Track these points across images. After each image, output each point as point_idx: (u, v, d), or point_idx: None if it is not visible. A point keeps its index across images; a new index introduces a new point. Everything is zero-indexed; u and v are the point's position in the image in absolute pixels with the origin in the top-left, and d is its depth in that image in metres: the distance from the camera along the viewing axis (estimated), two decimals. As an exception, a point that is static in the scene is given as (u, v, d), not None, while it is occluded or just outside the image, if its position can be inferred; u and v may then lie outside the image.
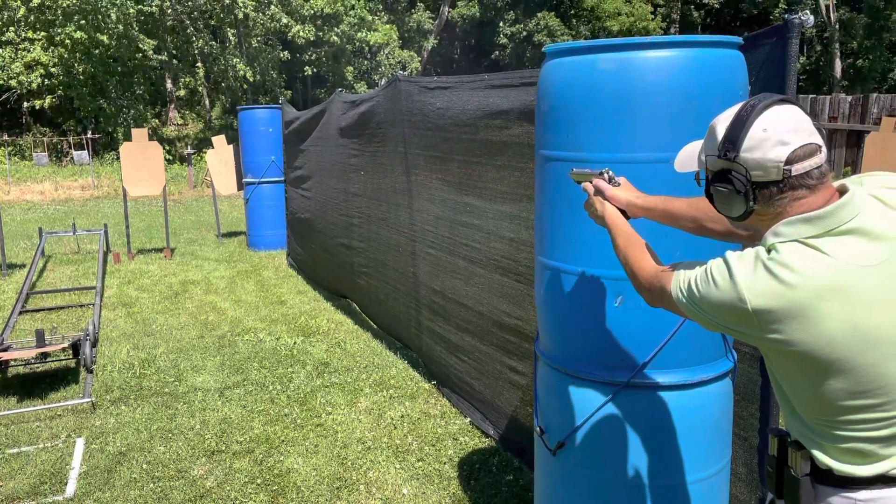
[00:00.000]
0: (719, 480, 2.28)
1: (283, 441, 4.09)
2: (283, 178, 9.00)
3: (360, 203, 5.97)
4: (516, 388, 3.72)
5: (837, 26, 25.63)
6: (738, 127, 1.39)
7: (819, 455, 1.42)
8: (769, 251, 1.38)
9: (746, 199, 1.40)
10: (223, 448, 4.04)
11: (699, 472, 2.19)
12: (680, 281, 1.54)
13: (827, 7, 25.44)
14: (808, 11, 2.29)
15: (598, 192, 1.91)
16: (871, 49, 25.73)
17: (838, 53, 25.77)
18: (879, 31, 25.41)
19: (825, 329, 1.32)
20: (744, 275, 1.38)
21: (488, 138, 3.68)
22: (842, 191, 1.40)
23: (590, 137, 2.06)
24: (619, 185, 1.91)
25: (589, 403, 2.19)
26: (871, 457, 1.38)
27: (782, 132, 1.36)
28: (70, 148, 21.09)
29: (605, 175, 1.93)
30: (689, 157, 1.64)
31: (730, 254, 1.43)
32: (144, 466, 3.85)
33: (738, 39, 2.14)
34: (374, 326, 6.13)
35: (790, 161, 1.35)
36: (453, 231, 4.23)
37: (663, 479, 2.16)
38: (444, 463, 3.80)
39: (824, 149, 1.38)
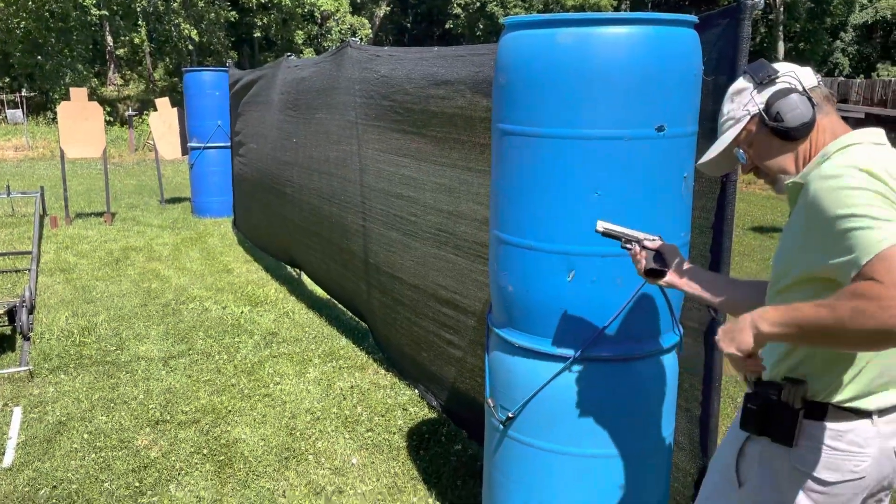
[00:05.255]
0: (664, 449, 2.35)
1: (229, 411, 4.05)
2: (229, 144, 8.80)
3: (301, 172, 5.87)
4: (454, 361, 3.75)
5: (782, 8, 26.18)
6: (762, 67, 1.62)
7: (825, 389, 1.51)
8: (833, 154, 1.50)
9: (810, 100, 1.56)
10: (168, 418, 3.98)
11: (645, 442, 2.26)
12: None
13: (773, -11, 25.93)
14: (760, -6, 2.33)
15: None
16: (814, 32, 26.42)
17: (782, 35, 26.36)
18: (822, 14, 26.09)
19: None
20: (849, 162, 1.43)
21: (431, 109, 3.64)
22: None
23: (548, 112, 2.06)
24: (658, 251, 1.91)
25: (540, 376, 2.22)
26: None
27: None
28: (3, 106, 20.18)
29: (637, 246, 1.91)
30: (715, 145, 1.70)
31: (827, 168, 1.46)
32: (86, 436, 3.77)
33: (694, 19, 2.16)
34: (324, 297, 6.09)
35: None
36: (387, 203, 4.20)
37: (610, 448, 2.21)
38: (394, 433, 3.82)
39: None
